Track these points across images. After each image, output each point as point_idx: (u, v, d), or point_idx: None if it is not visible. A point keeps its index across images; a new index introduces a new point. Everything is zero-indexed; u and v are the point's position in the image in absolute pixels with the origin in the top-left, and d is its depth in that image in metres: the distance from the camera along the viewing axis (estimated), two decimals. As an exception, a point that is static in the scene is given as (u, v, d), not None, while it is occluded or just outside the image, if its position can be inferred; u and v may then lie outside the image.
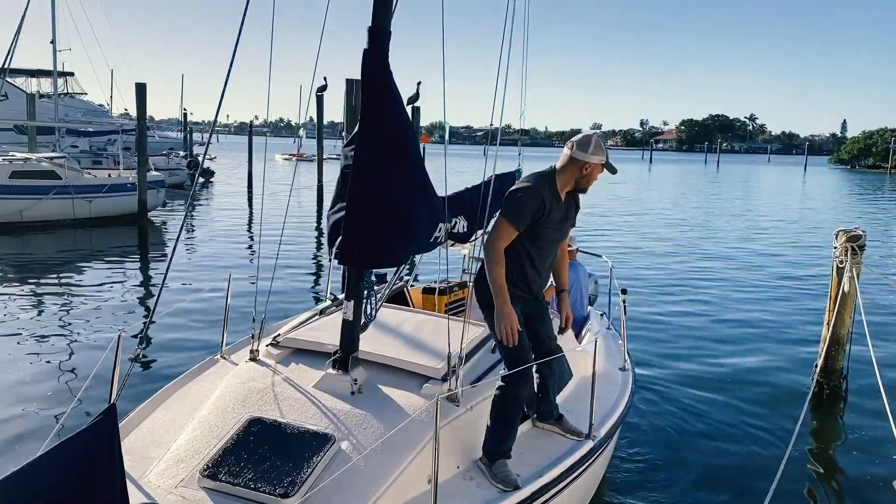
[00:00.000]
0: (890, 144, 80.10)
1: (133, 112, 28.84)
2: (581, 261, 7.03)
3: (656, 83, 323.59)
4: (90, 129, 35.72)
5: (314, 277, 14.25)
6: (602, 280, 7.55)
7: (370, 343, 4.20)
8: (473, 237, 5.11)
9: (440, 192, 4.44)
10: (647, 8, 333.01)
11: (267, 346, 4.40)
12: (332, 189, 4.29)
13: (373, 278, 4.28)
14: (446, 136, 5.69)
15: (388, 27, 3.97)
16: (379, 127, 3.90)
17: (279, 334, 4.51)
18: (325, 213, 4.56)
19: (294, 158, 72.77)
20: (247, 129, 40.91)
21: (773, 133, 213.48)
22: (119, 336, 3.23)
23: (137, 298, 12.17)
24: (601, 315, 7.01)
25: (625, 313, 6.05)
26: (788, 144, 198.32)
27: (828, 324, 7.74)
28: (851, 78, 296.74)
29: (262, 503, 3.19)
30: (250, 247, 18.12)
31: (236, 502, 3.19)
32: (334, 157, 47.58)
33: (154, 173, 23.30)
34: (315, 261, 16.06)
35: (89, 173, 22.53)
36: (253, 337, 4.43)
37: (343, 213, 3.92)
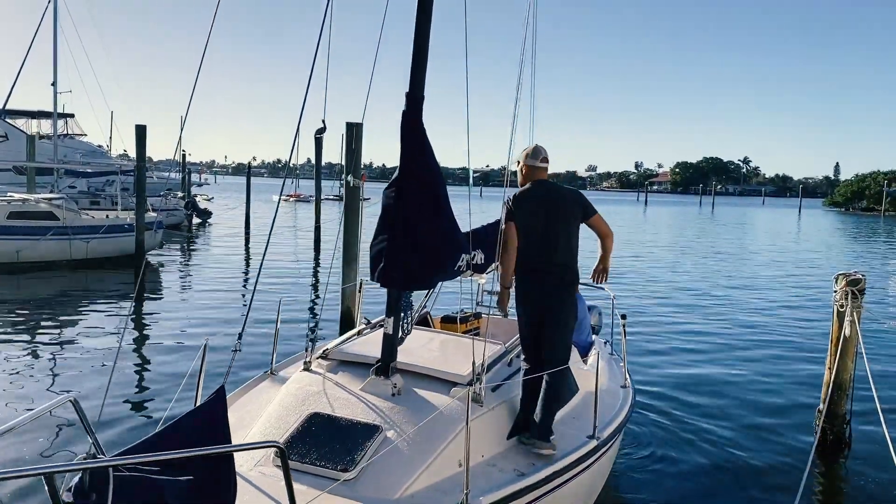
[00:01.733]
0: (883, 187, 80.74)
1: (132, 153, 29.02)
2: (584, 293, 7.16)
3: (650, 125, 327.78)
4: (89, 170, 35.83)
5: (334, 306, 14.16)
6: (605, 309, 8.07)
7: (405, 355, 4.93)
8: (489, 269, 5.98)
9: (463, 228, 5.28)
10: (640, 51, 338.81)
11: (317, 358, 5.18)
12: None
13: (411, 299, 5.10)
14: (470, 181, 6.34)
15: (422, 94, 4.88)
16: (415, 175, 4.83)
17: (327, 349, 5.27)
18: (365, 246, 5.44)
19: (292, 199, 73.32)
20: (244, 170, 41.06)
21: (766, 176, 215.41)
22: (205, 345, 4.55)
23: (133, 339, 12.08)
24: (605, 343, 7.67)
25: (625, 336, 7.01)
26: (782, 187, 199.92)
27: (829, 368, 7.69)
28: (844, 121, 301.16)
29: (326, 476, 3.88)
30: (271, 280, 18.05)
31: (305, 477, 3.82)
32: (331, 198, 47.88)
33: (152, 214, 23.35)
34: (330, 292, 16.00)
35: (87, 214, 22.57)
36: (306, 350, 5.23)
37: (385, 244, 4.78)
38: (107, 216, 22.42)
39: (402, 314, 4.97)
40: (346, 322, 10.91)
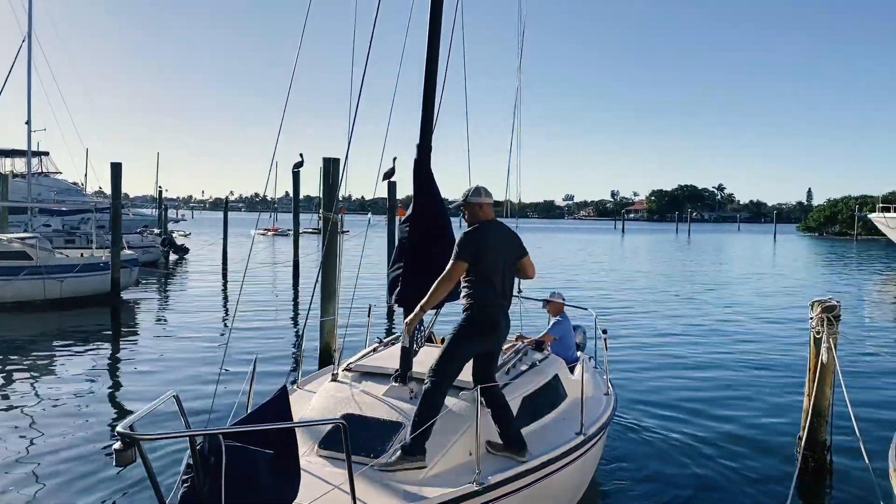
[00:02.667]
0: (854, 212, 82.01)
1: (108, 190, 28.75)
2: (569, 313, 8.38)
3: (626, 155, 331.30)
4: (63, 209, 35.44)
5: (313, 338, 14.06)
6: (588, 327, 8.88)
7: (419, 366, 5.73)
8: None
9: None
10: (615, 81, 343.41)
11: (342, 370, 6.12)
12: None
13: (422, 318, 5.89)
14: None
15: (430, 145, 6.05)
16: (425, 213, 6.09)
17: (350, 363, 6.22)
18: (386, 272, 6.53)
19: (270, 233, 72.99)
20: (222, 205, 40.81)
21: (741, 202, 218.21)
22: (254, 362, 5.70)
23: (109, 379, 11.88)
24: (589, 358, 8.41)
25: (606, 348, 7.84)
26: (757, 213, 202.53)
27: (808, 395, 7.74)
28: (815, 147, 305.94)
29: (362, 463, 4.60)
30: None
31: (343, 464, 4.21)
32: (310, 230, 47.70)
33: (127, 252, 23.10)
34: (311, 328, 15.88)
35: (61, 253, 22.28)
36: (333, 363, 6.04)
37: (401, 270, 5.80)
38: (81, 255, 22.13)
39: (416, 330, 5.83)
40: (326, 353, 10.80)
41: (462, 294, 5.40)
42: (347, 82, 6.12)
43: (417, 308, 5.44)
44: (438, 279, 5.34)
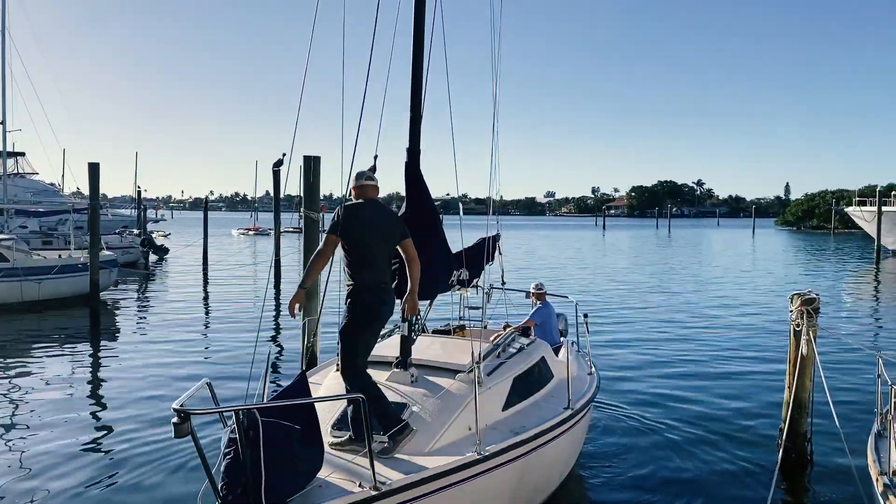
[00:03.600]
0: (831, 206, 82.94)
1: (85, 190, 28.41)
2: (551, 301, 8.99)
3: (607, 151, 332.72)
4: (40, 210, 35.00)
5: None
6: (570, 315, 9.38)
7: (416, 353, 6.26)
8: (472, 283, 7.59)
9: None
10: (595, 79, 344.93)
11: None
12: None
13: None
14: (460, 213, 7.80)
15: (419, 148, 6.62)
16: (417, 211, 6.58)
17: None
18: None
19: (251, 232, 72.48)
20: (202, 204, 40.46)
21: (720, 197, 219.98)
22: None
23: (88, 381, 11.76)
24: (572, 343, 8.86)
25: (588, 331, 8.59)
26: (736, 208, 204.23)
27: (789, 387, 7.81)
28: (793, 142, 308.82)
29: (374, 440, 4.77)
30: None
31: (354, 443, 4.95)
32: (290, 230, 47.42)
33: (106, 252, 22.85)
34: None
35: (38, 254, 22.01)
36: (337, 355, 6.05)
37: (397, 264, 5.99)
38: (59, 256, 21.87)
39: (414, 320, 6.37)
40: (309, 352, 10.73)
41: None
42: (331, 81, 6.43)
43: (298, 288, 5.48)
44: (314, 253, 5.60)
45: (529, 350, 7.17)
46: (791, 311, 7.69)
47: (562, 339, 8.69)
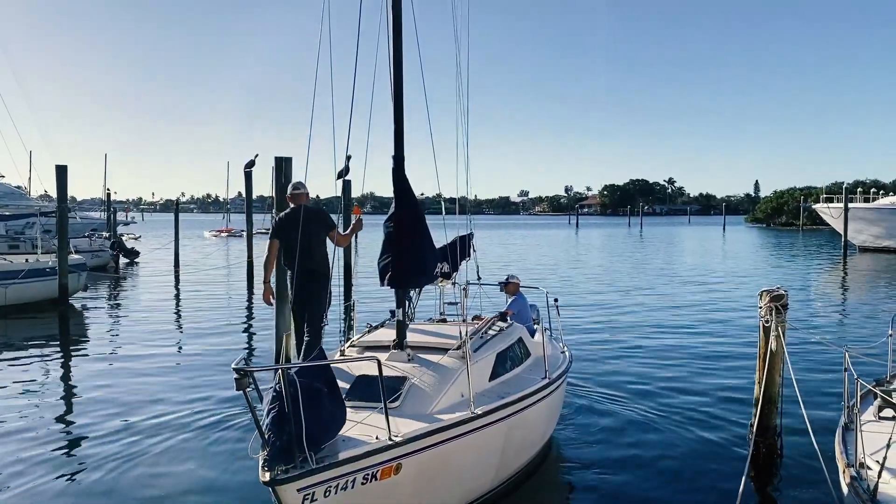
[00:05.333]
0: (800, 203, 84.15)
1: (53, 193, 27.89)
2: (524, 292, 9.75)
3: (579, 150, 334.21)
4: (6, 213, 34.37)
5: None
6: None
7: (410, 337, 7.28)
8: (452, 277, 8.50)
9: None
10: (567, 78, 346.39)
11: (347, 347, 7.55)
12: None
13: (411, 294, 8.40)
14: (443, 211, 8.26)
15: (403, 154, 7.32)
16: (403, 208, 7.29)
17: (353, 342, 7.65)
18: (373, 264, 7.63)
19: (223, 234, 71.74)
20: (173, 206, 39.98)
21: (691, 195, 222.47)
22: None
23: (58, 387, 11.58)
24: (545, 329, 9.35)
25: (559, 314, 9.83)
26: (706, 205, 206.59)
27: (759, 382, 7.92)
28: (761, 140, 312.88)
29: (377, 407, 5.47)
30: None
31: (364, 409, 5.78)
32: (263, 231, 47.02)
33: (75, 256, 22.48)
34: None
35: (5, 258, 21.62)
36: (341, 342, 7.53)
37: (390, 258, 7.26)
38: (26, 260, 21.49)
39: (407, 306, 7.62)
40: (280, 355, 10.68)
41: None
42: (309, 84, 6.99)
43: (263, 282, 7.65)
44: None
45: (508, 332, 8.21)
46: (760, 308, 7.80)
47: (535, 326, 9.39)
